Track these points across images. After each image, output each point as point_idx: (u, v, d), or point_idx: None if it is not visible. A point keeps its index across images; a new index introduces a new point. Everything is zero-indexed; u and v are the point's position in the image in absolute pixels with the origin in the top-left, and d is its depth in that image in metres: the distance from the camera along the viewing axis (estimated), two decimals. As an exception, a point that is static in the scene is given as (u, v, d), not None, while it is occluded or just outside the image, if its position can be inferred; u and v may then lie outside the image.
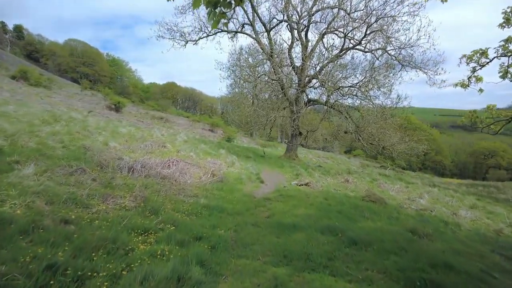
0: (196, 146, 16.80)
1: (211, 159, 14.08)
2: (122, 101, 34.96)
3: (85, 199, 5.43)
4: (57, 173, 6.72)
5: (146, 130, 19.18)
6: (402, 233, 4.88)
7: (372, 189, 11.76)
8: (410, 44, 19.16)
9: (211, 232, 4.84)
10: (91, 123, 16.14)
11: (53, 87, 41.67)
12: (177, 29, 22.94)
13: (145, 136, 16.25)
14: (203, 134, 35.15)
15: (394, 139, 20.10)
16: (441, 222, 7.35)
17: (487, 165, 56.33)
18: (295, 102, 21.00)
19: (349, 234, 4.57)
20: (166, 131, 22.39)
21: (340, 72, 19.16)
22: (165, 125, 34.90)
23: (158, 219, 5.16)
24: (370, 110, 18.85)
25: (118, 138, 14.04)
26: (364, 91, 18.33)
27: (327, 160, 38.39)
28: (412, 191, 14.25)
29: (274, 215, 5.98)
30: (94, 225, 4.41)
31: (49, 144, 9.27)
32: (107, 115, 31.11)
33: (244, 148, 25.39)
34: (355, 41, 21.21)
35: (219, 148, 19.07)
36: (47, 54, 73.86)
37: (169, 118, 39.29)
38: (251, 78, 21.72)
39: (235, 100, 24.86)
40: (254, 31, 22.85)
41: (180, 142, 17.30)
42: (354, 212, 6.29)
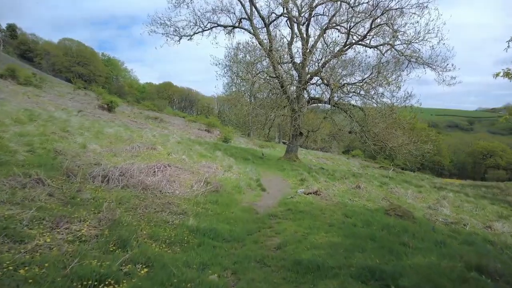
0: (190, 148, 15.22)
1: (206, 163, 12.52)
2: (115, 100, 33.19)
3: (25, 226, 3.85)
4: (3, 185, 5.13)
5: (136, 131, 17.55)
6: (470, 276, 3.40)
7: (389, 197, 10.26)
8: (418, 39, 17.77)
9: (199, 279, 3.28)
10: (74, 123, 14.49)
11: (44, 86, 39.76)
12: (171, 23, 21.31)
13: (134, 137, 14.63)
14: (199, 135, 33.53)
15: (401, 139, 18.72)
16: (487, 243, 5.89)
17: (485, 165, 55.26)
18: (296, 100, 19.48)
19: (402, 284, 3.05)
20: (159, 132, 20.77)
21: (344, 69, 17.66)
22: (159, 125, 33.23)
23: (125, 255, 3.59)
24: (377, 108, 17.37)
25: (102, 139, 12.42)
26: (370, 88, 16.85)
27: (327, 161, 36.95)
28: (426, 197, 12.80)
29: (286, 245, 4.41)
30: (18, 276, 2.83)
31: (10, 147, 7.64)
32: (98, 115, 29.38)
33: (241, 149, 23.84)
34: (358, 36, 19.76)
35: (215, 149, 17.51)
36: (41, 54, 71.69)
37: (164, 118, 37.61)
38: (249, 75, 20.16)
39: (232, 99, 23.35)
40: (252, 26, 21.28)
41: (173, 143, 15.70)
42: (389, 237, 4.76)
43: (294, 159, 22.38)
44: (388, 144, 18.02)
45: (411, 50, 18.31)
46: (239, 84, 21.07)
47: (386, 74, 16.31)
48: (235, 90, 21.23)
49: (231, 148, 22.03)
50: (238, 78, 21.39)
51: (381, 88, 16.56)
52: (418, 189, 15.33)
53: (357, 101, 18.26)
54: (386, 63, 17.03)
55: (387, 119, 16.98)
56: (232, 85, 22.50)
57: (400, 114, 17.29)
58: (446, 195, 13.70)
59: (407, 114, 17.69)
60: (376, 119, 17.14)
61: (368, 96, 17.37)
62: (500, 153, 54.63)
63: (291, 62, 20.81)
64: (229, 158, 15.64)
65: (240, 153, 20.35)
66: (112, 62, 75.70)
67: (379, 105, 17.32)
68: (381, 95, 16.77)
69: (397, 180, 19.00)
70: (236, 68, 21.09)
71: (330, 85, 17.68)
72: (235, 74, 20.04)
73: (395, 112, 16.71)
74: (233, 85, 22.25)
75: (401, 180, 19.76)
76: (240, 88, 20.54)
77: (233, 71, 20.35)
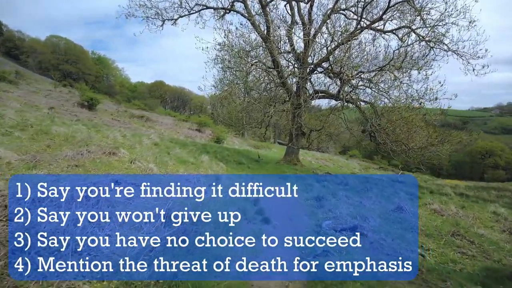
0: (168, 152, 11.51)
1: (186, 172, 8.91)
2: (96, 97, 29.23)
3: None
4: None
5: (103, 131, 13.73)
6: None
7: (459, 226, 6.76)
8: (446, 20, 14.36)
9: None
10: (11, 119, 10.66)
11: (22, 83, 35.61)
12: (152, 4, 17.53)
13: (95, 138, 10.87)
14: (188, 135, 29.76)
15: (424, 139, 15.34)
16: None
17: (484, 165, 52.50)
18: (298, 92, 15.91)
19: None
20: (132, 132, 16.94)
21: (360, 54, 14.05)
22: (145, 124, 29.37)
23: None
24: (400, 107, 13.79)
25: (40, 141, 8.66)
26: (392, 79, 13.33)
27: (327, 162, 33.49)
28: (480, 215, 9.36)
29: None
30: None
31: None
32: (75, 113, 25.42)
33: (235, 151, 20.20)
34: (371, 19, 16.24)
35: (202, 152, 13.84)
36: (28, 51, 66.88)
37: (152, 117, 33.70)
38: (242, 66, 16.46)
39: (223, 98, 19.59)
40: (246, 9, 17.63)
41: (147, 145, 11.98)
42: None
43: (295, 162, 18.82)
44: (410, 144, 14.59)
45: (435, 34, 14.89)
46: (233, 74, 17.22)
47: (415, 57, 12.79)
48: (228, 82, 17.38)
49: (223, 150, 18.37)
50: (230, 70, 17.60)
51: (406, 76, 13.02)
52: (447, 199, 11.94)
53: (374, 93, 14.73)
54: (412, 44, 13.49)
55: (412, 114, 13.49)
56: (224, 78, 18.65)
57: (427, 110, 13.87)
58: (498, 211, 10.25)
59: (433, 110, 14.24)
60: (399, 113, 13.62)
61: (391, 87, 13.84)
62: (499, 153, 51.92)
63: (291, 50, 17.14)
64: (219, 164, 12.00)
65: (233, 155, 16.72)
66: (102, 60, 71.18)
67: (401, 100, 13.81)
68: (409, 85, 13.19)
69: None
70: (228, 56, 17.31)
71: (341, 76, 14.11)
72: (227, 61, 16.26)
73: (423, 106, 13.26)
74: (225, 79, 18.40)
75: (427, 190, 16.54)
76: (234, 80, 16.63)
77: (225, 59, 16.55)
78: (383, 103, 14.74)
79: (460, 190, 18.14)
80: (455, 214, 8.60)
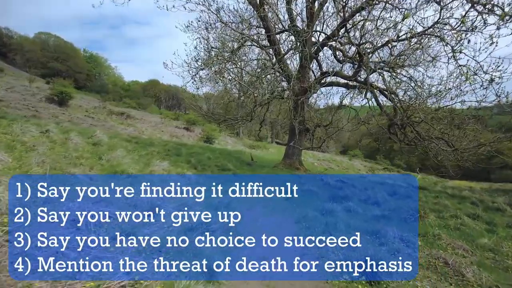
0: (100, 156, 7.08)
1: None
2: (68, 91, 24.70)
3: None
4: None
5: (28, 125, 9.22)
6: None
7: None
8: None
9: None
10: None
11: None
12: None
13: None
14: (174, 134, 25.32)
15: (469, 138, 11.18)
16: None
17: (492, 164, 48.17)
18: (302, 73, 11.53)
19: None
20: (64, 129, 12.22)
21: (384, 21, 9.59)
22: (124, 122, 24.92)
23: None
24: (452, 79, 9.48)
25: None
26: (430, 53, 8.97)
27: (330, 163, 29.17)
28: None
29: None
30: None
31: None
32: (36, 108, 20.98)
33: (223, 152, 15.77)
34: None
35: (171, 155, 9.43)
36: (16, 49, 62.15)
37: (135, 114, 29.18)
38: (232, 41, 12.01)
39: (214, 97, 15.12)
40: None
41: (80, 145, 7.55)
42: None
43: (297, 166, 14.43)
44: (463, 143, 10.41)
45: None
46: (221, 54, 12.53)
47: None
48: (216, 59, 12.65)
49: (206, 151, 13.94)
50: (214, 50, 13.01)
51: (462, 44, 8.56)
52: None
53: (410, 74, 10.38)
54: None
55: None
56: (209, 59, 14.01)
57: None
58: None
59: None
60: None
61: (435, 58, 9.44)
62: (506, 152, 47.68)
63: (291, 26, 12.64)
64: (184, 173, 7.59)
65: (217, 159, 12.30)
66: (95, 58, 66.58)
67: (454, 76, 9.43)
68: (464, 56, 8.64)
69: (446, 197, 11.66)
70: (214, 33, 12.76)
71: (359, 54, 9.65)
72: (214, 40, 11.82)
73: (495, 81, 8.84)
74: (210, 59, 13.79)
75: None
76: (221, 53, 11.87)
77: (210, 38, 12.01)
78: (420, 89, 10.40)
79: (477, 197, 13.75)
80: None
